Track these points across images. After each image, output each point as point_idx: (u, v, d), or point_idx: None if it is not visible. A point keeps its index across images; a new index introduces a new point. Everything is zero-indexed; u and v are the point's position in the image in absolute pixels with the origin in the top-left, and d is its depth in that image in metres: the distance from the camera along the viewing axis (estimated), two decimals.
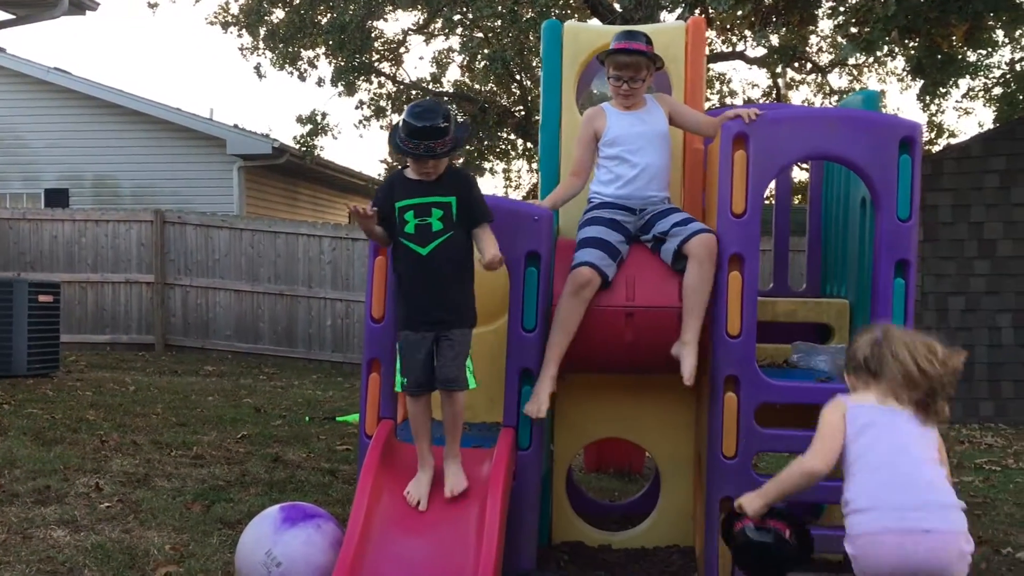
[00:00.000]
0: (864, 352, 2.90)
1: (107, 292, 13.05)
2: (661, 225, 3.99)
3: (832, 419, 2.88)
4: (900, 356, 2.81)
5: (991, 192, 9.06)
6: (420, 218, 3.47)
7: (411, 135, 3.40)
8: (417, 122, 3.38)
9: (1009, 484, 6.26)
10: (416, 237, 3.49)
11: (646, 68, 4.11)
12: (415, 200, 3.49)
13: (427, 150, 3.40)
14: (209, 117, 17.01)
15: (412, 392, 3.58)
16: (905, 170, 3.70)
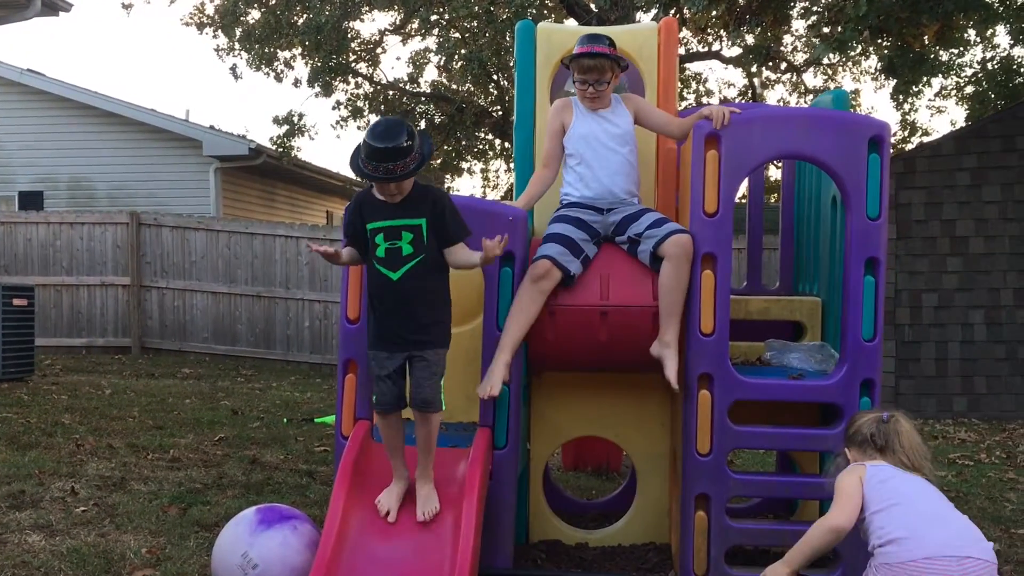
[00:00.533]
0: (870, 429, 3.03)
1: (82, 295, 12.96)
2: (635, 227, 4.01)
3: (851, 480, 2.96)
4: (904, 443, 3.00)
5: (963, 190, 9.16)
6: (390, 242, 3.39)
7: (370, 157, 3.29)
8: (377, 143, 3.26)
9: (982, 479, 6.34)
10: (386, 261, 3.42)
11: (610, 70, 4.14)
12: (384, 223, 3.41)
13: (387, 173, 3.29)
14: (185, 118, 16.92)
15: (382, 410, 3.53)
16: (874, 169, 3.75)
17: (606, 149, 4.16)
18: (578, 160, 4.21)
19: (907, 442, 3.02)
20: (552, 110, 4.32)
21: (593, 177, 4.17)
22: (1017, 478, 6.36)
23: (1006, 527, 5.08)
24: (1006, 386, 9.14)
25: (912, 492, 2.90)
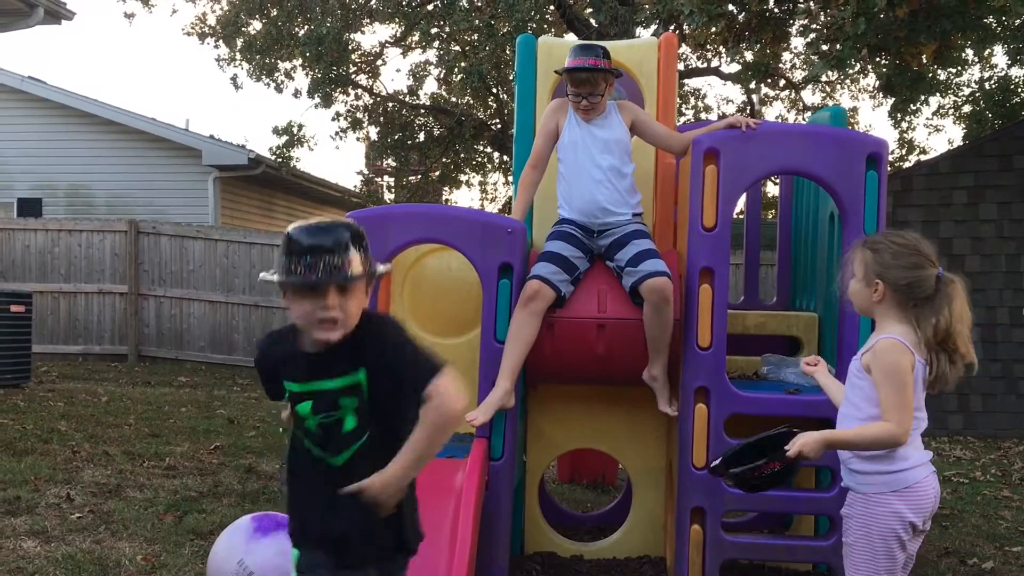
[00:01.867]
0: (927, 290, 2.80)
1: (80, 302, 12.96)
2: (619, 257, 3.98)
3: (909, 380, 2.74)
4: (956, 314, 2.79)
5: (960, 208, 9.20)
6: (325, 412, 2.23)
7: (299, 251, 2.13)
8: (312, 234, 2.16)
9: (976, 496, 6.35)
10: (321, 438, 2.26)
11: (604, 82, 4.09)
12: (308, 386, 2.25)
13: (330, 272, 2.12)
14: (185, 127, 16.95)
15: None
16: (872, 186, 3.77)
17: (588, 158, 4.09)
18: (564, 168, 4.18)
19: (958, 310, 2.79)
20: (548, 109, 4.29)
21: (575, 191, 4.12)
22: (1012, 496, 6.37)
23: (1000, 545, 5.09)
24: (1001, 404, 9.15)
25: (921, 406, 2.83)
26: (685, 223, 4.00)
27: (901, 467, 2.76)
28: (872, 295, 2.81)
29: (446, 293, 4.74)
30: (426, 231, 4.21)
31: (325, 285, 2.10)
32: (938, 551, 4.94)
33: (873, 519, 2.76)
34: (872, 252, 2.83)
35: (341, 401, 2.20)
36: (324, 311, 2.12)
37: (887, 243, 2.84)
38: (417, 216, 4.30)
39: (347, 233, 2.14)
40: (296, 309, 2.16)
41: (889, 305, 2.80)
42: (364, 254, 2.16)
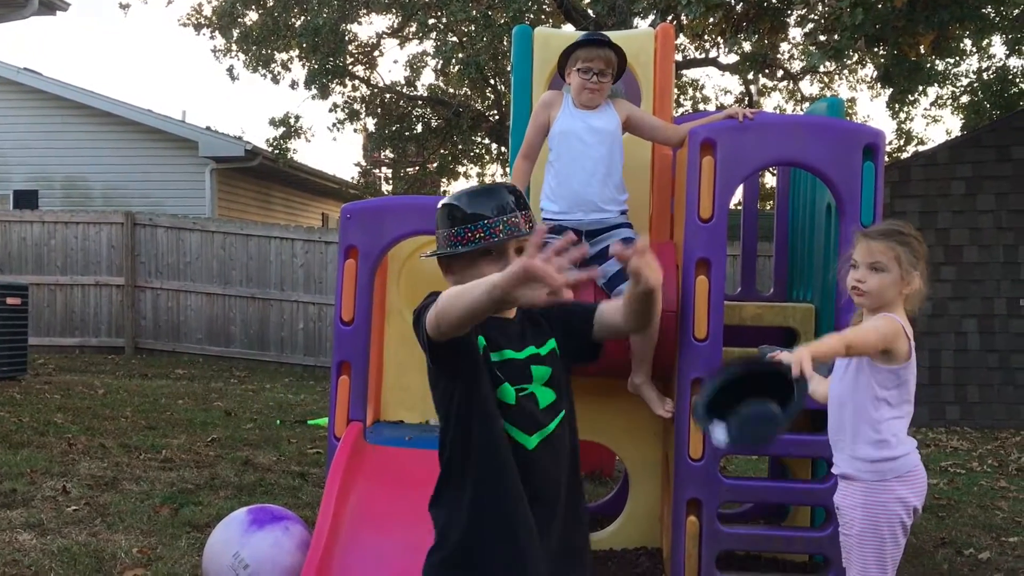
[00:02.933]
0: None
1: (76, 295, 12.94)
2: (605, 270, 3.91)
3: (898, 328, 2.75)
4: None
5: (957, 199, 9.20)
6: (519, 384, 2.04)
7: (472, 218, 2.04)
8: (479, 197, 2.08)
9: (973, 487, 6.36)
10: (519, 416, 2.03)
11: (611, 66, 4.00)
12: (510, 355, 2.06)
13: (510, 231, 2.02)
14: (181, 119, 16.93)
15: None
16: (868, 176, 3.76)
17: (582, 145, 4.02)
18: (555, 157, 4.09)
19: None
20: (540, 101, 4.22)
21: (564, 182, 4.03)
22: (1008, 486, 6.37)
23: (997, 535, 5.10)
24: (998, 395, 9.16)
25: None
26: (682, 214, 3.98)
27: (901, 452, 2.81)
28: (904, 288, 2.80)
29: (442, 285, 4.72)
30: (423, 223, 4.20)
31: (505, 244, 2.01)
32: (935, 541, 4.94)
33: (879, 507, 2.78)
34: (903, 246, 2.79)
35: (533, 370, 2.07)
36: None
37: (912, 235, 2.83)
38: (414, 208, 4.28)
39: (511, 196, 2.06)
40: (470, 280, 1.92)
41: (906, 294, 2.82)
42: (527, 209, 2.07)
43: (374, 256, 4.15)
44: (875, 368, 2.80)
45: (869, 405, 2.81)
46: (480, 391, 1.97)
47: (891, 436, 2.80)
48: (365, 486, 3.68)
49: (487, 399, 1.96)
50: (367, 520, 3.56)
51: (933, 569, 4.44)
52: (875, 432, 2.81)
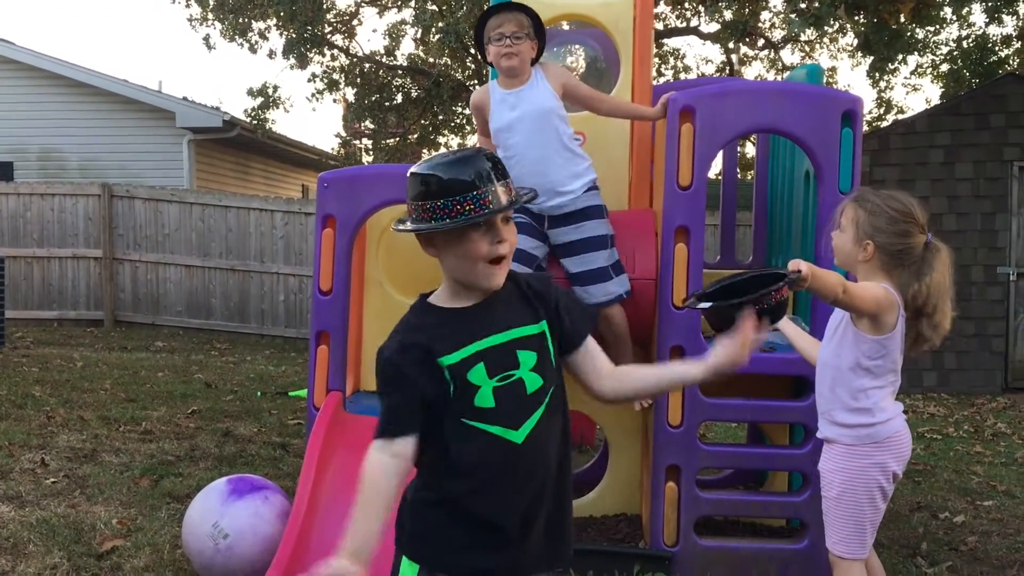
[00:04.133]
0: (914, 256, 2.79)
1: (54, 267, 12.82)
2: (569, 266, 3.88)
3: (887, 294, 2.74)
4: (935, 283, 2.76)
5: (936, 167, 9.23)
6: (500, 374, 1.88)
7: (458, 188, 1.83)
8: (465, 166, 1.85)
9: (949, 452, 6.43)
10: (501, 412, 1.89)
11: (520, 27, 3.78)
12: (486, 342, 1.89)
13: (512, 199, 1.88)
14: (158, 89, 16.70)
15: None
16: (847, 143, 3.76)
17: (520, 136, 3.85)
18: (502, 153, 3.88)
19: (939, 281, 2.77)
20: (472, 105, 4.11)
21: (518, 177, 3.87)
22: (984, 451, 6.45)
23: (972, 499, 5.17)
24: (975, 362, 9.26)
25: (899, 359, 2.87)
26: (661, 182, 3.97)
27: (881, 419, 2.83)
28: (859, 254, 2.82)
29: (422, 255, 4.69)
30: (399, 192, 4.17)
31: (495, 217, 1.83)
32: (910, 505, 5.00)
33: (858, 471, 2.81)
34: (865, 212, 2.81)
35: (519, 355, 1.89)
36: (498, 246, 1.84)
37: (884, 207, 2.81)
38: (390, 176, 4.25)
39: (488, 163, 1.86)
40: (455, 259, 1.86)
41: (875, 267, 2.82)
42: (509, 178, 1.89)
43: (352, 225, 4.13)
44: (860, 337, 2.81)
45: (850, 373, 2.84)
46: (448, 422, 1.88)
47: (871, 404, 2.82)
48: (345, 455, 3.68)
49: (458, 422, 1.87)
50: (347, 489, 3.55)
51: (909, 532, 4.49)
52: (854, 400, 2.83)
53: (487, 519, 1.87)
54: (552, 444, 1.91)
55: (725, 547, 3.87)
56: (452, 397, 1.86)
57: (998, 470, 5.88)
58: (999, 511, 4.93)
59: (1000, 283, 9.25)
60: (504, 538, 1.87)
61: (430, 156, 1.92)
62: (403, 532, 1.94)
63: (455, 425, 1.87)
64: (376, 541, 1.80)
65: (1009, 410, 8.29)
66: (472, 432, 1.86)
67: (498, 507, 1.87)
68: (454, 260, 1.87)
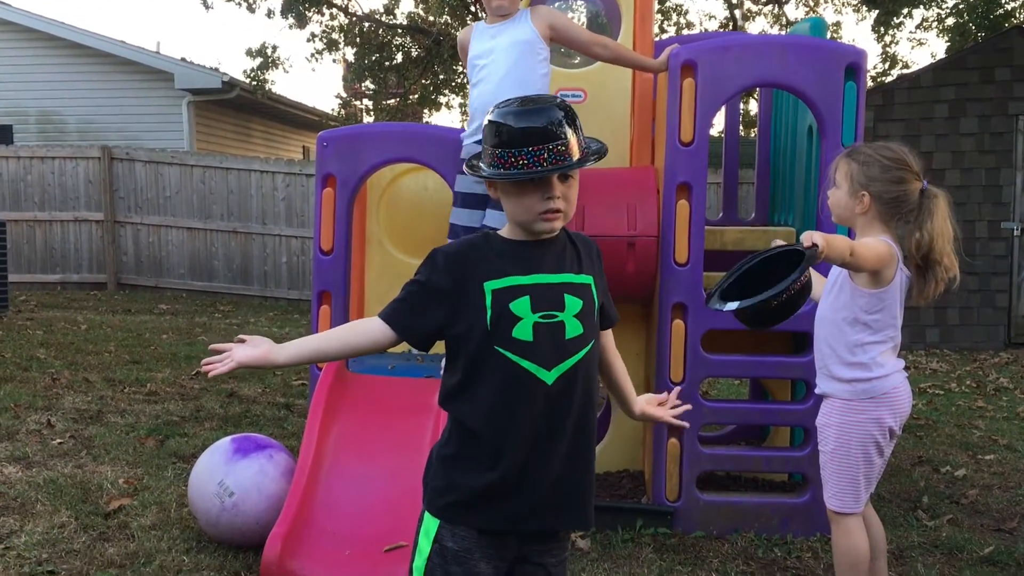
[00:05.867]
0: (911, 204, 2.77)
1: (56, 231, 12.81)
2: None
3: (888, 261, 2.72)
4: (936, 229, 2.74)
5: (940, 122, 9.16)
6: (543, 312, 1.88)
7: (518, 140, 1.84)
8: (528, 119, 1.86)
9: (951, 407, 6.45)
10: (535, 348, 1.87)
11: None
12: (532, 279, 1.90)
13: (557, 158, 1.85)
14: (156, 51, 16.57)
15: None
16: (850, 97, 3.72)
17: (487, 62, 3.82)
18: (476, 80, 3.89)
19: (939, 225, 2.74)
20: (458, 46, 4.11)
21: (476, 107, 3.85)
22: (986, 406, 6.47)
23: (973, 453, 5.19)
24: (978, 317, 9.26)
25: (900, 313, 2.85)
26: (663, 138, 3.95)
27: (879, 374, 2.82)
28: (856, 206, 2.81)
29: (422, 213, 4.70)
30: (401, 150, 4.16)
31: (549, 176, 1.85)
32: (912, 459, 5.03)
33: (853, 426, 2.81)
34: (858, 164, 2.81)
35: (566, 299, 1.91)
36: (549, 202, 1.87)
37: (876, 156, 2.80)
38: (392, 135, 4.24)
39: (560, 112, 1.87)
40: (514, 204, 1.89)
41: (872, 217, 2.80)
42: (578, 133, 1.90)
43: (352, 184, 4.11)
44: (858, 291, 2.81)
45: (847, 328, 2.83)
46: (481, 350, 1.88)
47: (868, 359, 2.81)
48: (348, 414, 3.70)
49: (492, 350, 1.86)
50: (351, 447, 3.58)
51: (910, 486, 4.52)
52: (851, 354, 2.82)
53: (501, 460, 1.86)
54: (577, 397, 1.90)
55: (727, 502, 3.90)
56: (489, 325, 1.85)
57: (1000, 424, 5.91)
58: (1000, 465, 4.95)
59: (1004, 238, 9.22)
60: (517, 486, 1.87)
61: (508, 100, 1.92)
62: (426, 488, 1.96)
63: (487, 353, 1.86)
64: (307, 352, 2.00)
65: (1011, 365, 8.30)
66: (504, 362, 1.85)
67: (514, 447, 1.86)
68: (511, 206, 1.91)
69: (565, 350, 1.88)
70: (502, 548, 1.91)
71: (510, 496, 1.88)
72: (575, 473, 1.93)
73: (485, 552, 1.89)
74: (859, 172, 2.80)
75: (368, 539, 3.25)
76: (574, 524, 1.98)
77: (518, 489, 1.88)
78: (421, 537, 1.94)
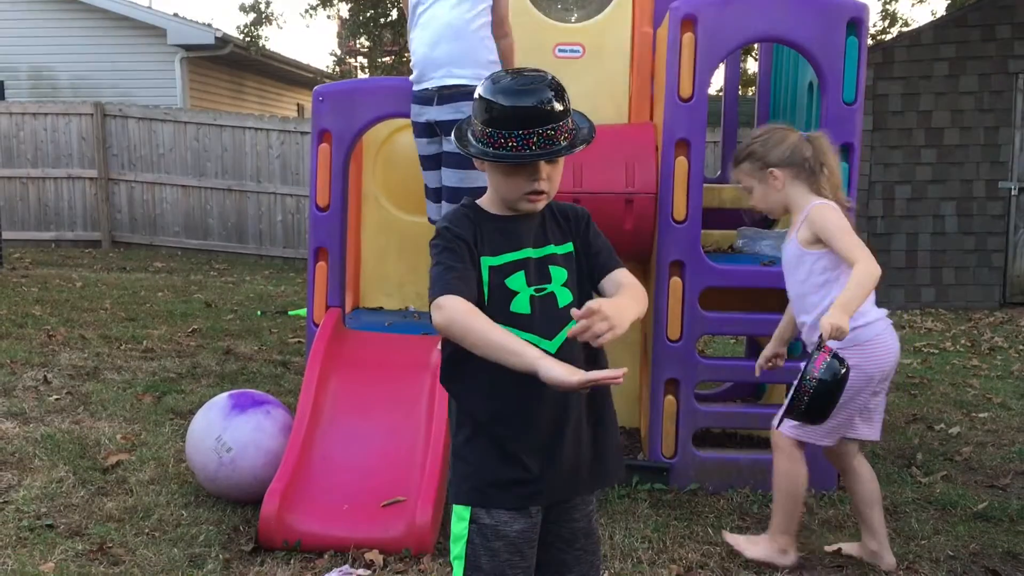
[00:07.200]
0: (805, 151, 2.98)
1: (49, 188, 12.73)
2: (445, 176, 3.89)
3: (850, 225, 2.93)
4: (831, 164, 3.00)
5: (940, 80, 9.10)
6: (536, 285, 1.93)
7: (512, 123, 1.83)
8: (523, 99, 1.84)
9: (946, 366, 6.47)
10: (535, 319, 1.91)
11: None
12: (522, 253, 1.94)
13: (546, 143, 1.83)
14: (148, 5, 16.35)
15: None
16: (852, 52, 3.69)
17: (427, 4, 3.80)
18: (412, 24, 3.88)
19: (833, 161, 3.02)
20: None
21: (415, 49, 3.84)
22: (980, 365, 6.50)
23: (967, 411, 5.22)
24: (974, 277, 9.26)
25: None
26: (661, 95, 3.91)
27: (859, 323, 2.86)
28: (774, 186, 3.01)
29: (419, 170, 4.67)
30: (398, 106, 4.11)
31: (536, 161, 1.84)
32: (906, 417, 5.05)
33: None
34: (747, 161, 3.06)
35: (552, 270, 1.94)
36: (535, 183, 1.87)
37: (751, 143, 3.07)
38: (388, 89, 4.19)
39: (551, 92, 1.84)
40: (500, 182, 1.90)
41: (791, 185, 3.00)
42: (568, 112, 1.87)
43: (348, 140, 4.08)
44: (812, 255, 2.93)
45: (818, 294, 2.94)
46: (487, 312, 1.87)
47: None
48: (345, 370, 3.70)
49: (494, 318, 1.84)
50: (348, 403, 3.59)
51: (904, 443, 4.55)
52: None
53: (517, 432, 1.88)
54: (582, 360, 1.87)
55: (722, 458, 3.92)
56: (487, 301, 1.87)
57: (994, 383, 5.93)
58: (994, 423, 4.98)
59: (1001, 198, 9.20)
60: (538, 457, 1.88)
61: (504, 72, 1.91)
62: (452, 481, 1.96)
63: None
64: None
65: (1006, 324, 8.33)
66: None
67: (526, 430, 1.88)
68: (497, 182, 1.92)
69: (561, 319, 1.89)
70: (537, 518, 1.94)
71: (530, 480, 1.89)
72: (596, 435, 1.95)
73: (516, 518, 1.90)
74: (752, 164, 3.05)
75: (366, 494, 3.27)
76: (601, 483, 2.03)
77: (540, 468, 1.89)
78: (454, 524, 1.94)
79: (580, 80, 4.44)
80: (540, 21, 4.56)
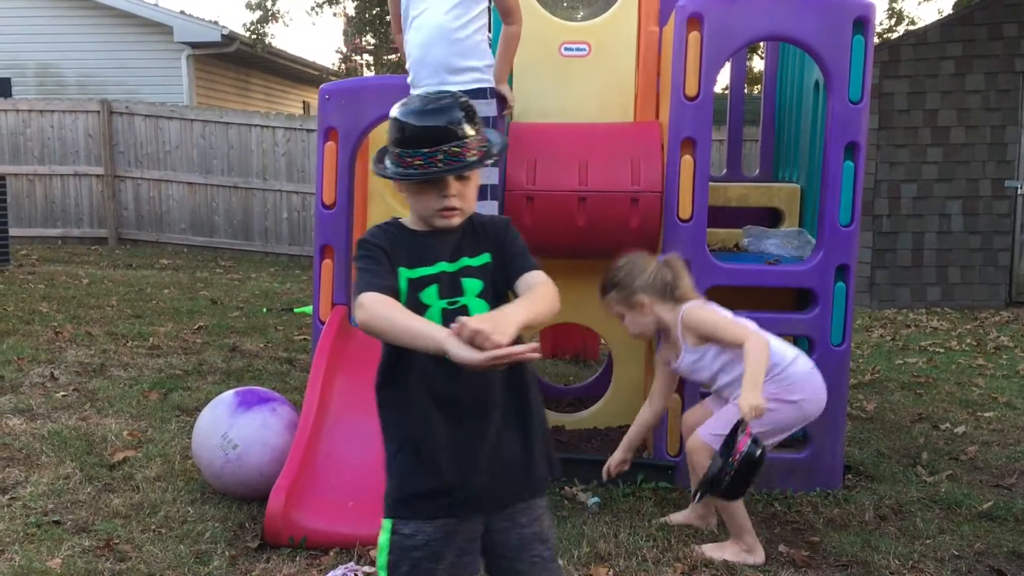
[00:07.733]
0: (666, 275, 3.24)
1: (56, 185, 12.76)
2: None
3: (723, 313, 3.25)
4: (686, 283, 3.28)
5: (946, 79, 9.08)
6: (448, 299, 1.95)
7: (416, 141, 1.88)
8: (424, 119, 1.89)
9: (951, 365, 6.47)
10: None
11: None
12: (435, 268, 1.96)
13: (451, 160, 1.87)
14: (154, 3, 16.38)
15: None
16: (858, 51, 3.68)
17: (418, 9, 3.75)
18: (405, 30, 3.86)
19: (688, 278, 3.30)
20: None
21: (411, 50, 3.80)
22: (986, 364, 6.49)
23: (973, 410, 5.21)
24: (979, 276, 9.25)
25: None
26: (667, 93, 3.91)
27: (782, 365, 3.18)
28: (645, 311, 3.25)
29: None
30: None
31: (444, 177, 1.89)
32: (912, 416, 5.05)
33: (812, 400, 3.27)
34: (615, 292, 3.28)
35: (464, 283, 1.96)
36: (445, 199, 1.90)
37: (614, 275, 3.28)
38: (394, 88, 4.18)
39: (460, 112, 1.89)
40: (415, 200, 1.94)
41: (658, 307, 3.25)
42: (478, 130, 1.91)
43: (354, 138, 4.09)
44: (705, 352, 3.20)
45: (726, 375, 3.20)
46: None
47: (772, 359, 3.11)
48: (351, 368, 3.71)
49: None
50: (354, 400, 3.59)
51: (910, 442, 4.55)
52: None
53: (436, 443, 1.89)
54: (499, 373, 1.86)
55: None
56: None
57: (999, 382, 5.93)
58: (999, 422, 4.97)
59: (1007, 197, 9.18)
60: (457, 466, 1.89)
61: (412, 97, 1.95)
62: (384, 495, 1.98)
63: None
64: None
65: (1012, 324, 8.31)
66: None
67: (446, 426, 1.89)
68: (412, 201, 1.96)
69: None
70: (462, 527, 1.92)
71: (450, 489, 1.89)
72: (524, 440, 1.95)
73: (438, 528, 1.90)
74: (619, 293, 3.27)
75: (371, 491, 3.27)
76: (538, 487, 2.00)
77: (459, 477, 1.89)
78: (381, 535, 1.95)
79: (586, 78, 4.45)
80: (546, 19, 4.56)
